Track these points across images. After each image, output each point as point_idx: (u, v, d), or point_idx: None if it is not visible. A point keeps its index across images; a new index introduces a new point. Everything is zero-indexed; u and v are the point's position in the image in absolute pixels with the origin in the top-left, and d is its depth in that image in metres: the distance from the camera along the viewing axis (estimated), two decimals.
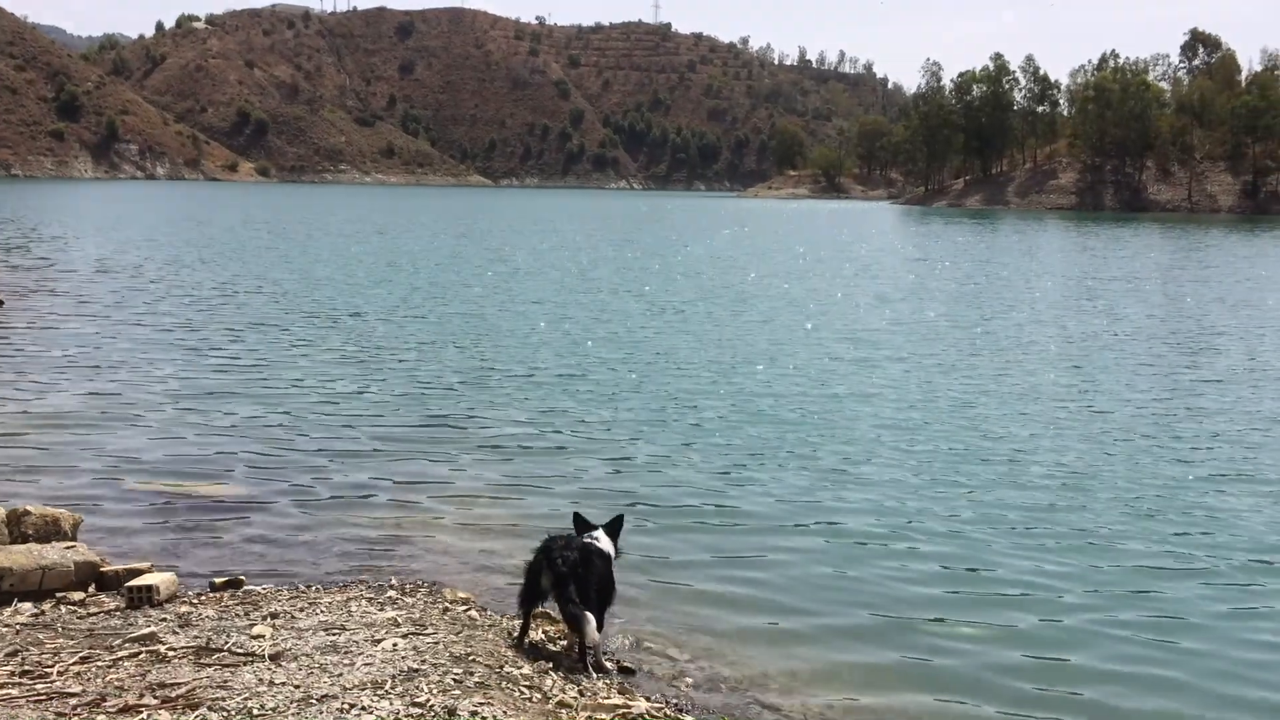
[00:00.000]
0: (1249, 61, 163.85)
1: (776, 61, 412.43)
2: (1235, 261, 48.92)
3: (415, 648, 5.93)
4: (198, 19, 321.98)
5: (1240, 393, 16.70)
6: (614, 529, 7.02)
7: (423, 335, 21.02)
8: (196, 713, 4.96)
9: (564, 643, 7.03)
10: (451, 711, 4.94)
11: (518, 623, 6.89)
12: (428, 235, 58.26)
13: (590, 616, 6.31)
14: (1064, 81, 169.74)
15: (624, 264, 41.52)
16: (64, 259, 36.56)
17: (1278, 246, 62.89)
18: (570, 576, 6.30)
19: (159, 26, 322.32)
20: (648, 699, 6.31)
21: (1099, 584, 8.68)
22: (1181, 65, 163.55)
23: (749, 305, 27.71)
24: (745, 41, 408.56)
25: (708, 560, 9.04)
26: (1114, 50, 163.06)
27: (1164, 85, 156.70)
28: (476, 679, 5.43)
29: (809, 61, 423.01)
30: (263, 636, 6.28)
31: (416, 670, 5.48)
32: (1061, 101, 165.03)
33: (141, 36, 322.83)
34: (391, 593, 7.63)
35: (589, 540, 6.76)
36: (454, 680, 5.38)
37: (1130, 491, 11.13)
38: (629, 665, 7.04)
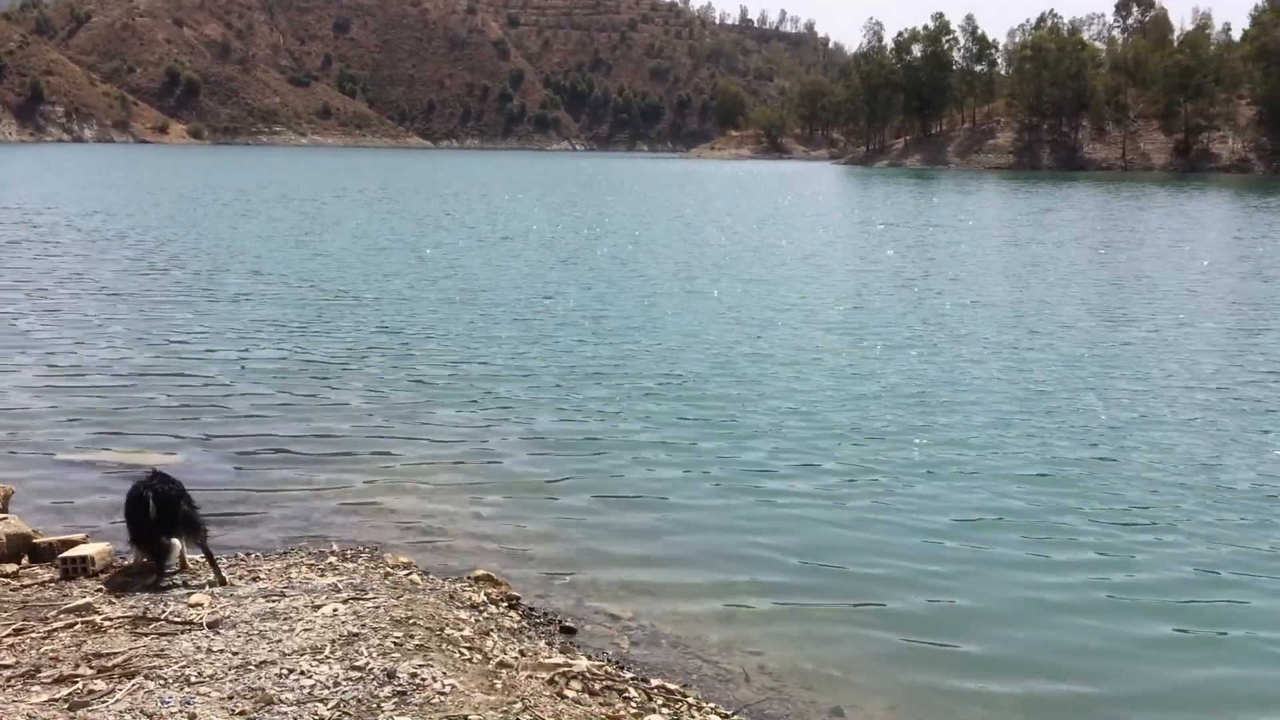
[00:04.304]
0: (1181, 20, 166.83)
1: (718, 21, 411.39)
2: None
3: (355, 612, 5.95)
4: None
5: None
6: None
7: (366, 303, 20.81)
8: (133, 681, 4.94)
9: (504, 604, 7.09)
10: (391, 674, 4.98)
11: (453, 585, 6.93)
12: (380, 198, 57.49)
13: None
14: (1002, 41, 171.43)
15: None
16: None
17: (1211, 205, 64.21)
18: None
19: None
20: (589, 657, 6.40)
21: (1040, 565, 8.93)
22: (1116, 24, 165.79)
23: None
24: (686, 0, 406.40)
25: (650, 521, 9.13)
26: (1052, 10, 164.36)
27: (1099, 45, 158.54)
28: (416, 641, 5.47)
29: (750, 21, 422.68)
30: (201, 605, 6.26)
31: (356, 635, 5.51)
32: (999, 61, 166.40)
33: None
34: (332, 559, 7.63)
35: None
36: (394, 643, 5.41)
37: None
38: (570, 625, 7.12)
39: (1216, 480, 10.20)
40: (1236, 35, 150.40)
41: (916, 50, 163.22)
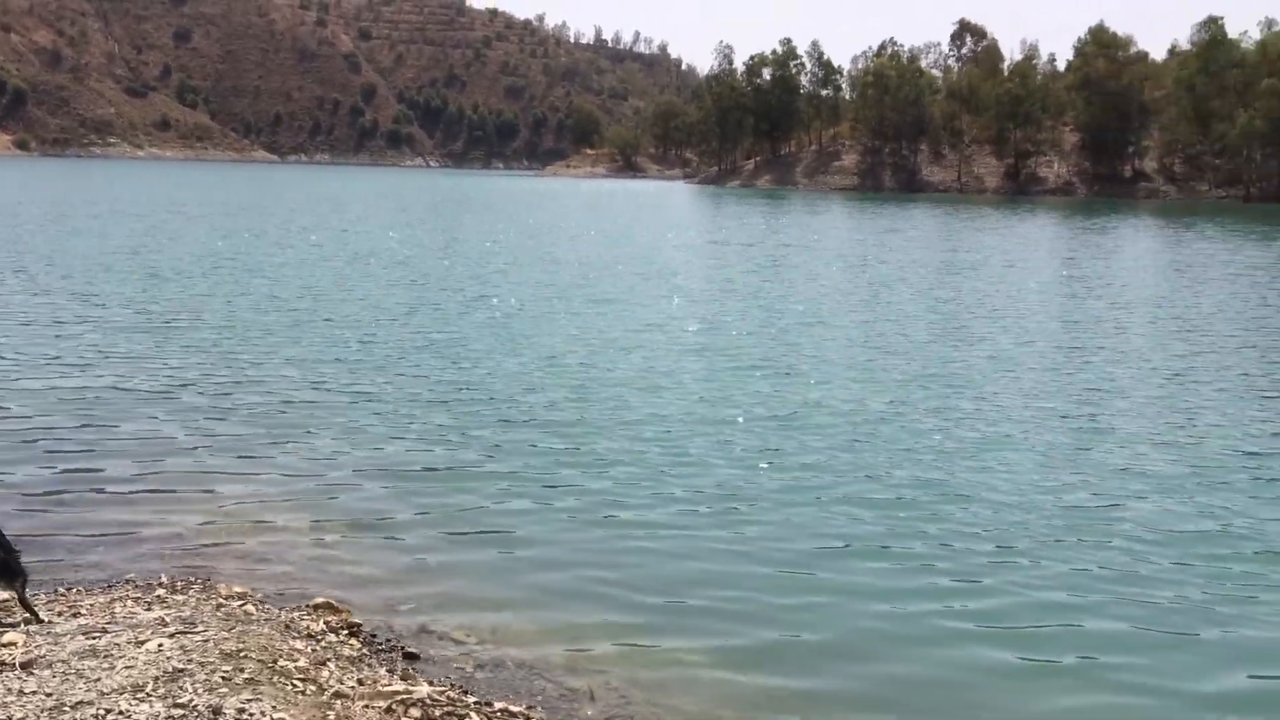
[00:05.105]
0: (1010, 51, 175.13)
1: (573, 40, 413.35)
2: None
3: (182, 647, 5.70)
4: None
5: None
6: None
7: (198, 328, 20.03)
8: None
9: (345, 632, 6.92)
10: (216, 710, 4.79)
11: (290, 614, 6.74)
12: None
13: None
14: (846, 67, 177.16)
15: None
16: None
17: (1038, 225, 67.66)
18: None
19: None
20: (430, 683, 6.29)
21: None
22: (951, 54, 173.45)
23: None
24: (541, 19, 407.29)
25: (498, 547, 9.01)
26: (892, 38, 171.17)
27: (936, 73, 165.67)
28: (246, 675, 5.28)
29: (605, 41, 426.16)
30: (14, 644, 5.90)
31: (182, 670, 5.28)
32: (844, 86, 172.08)
33: None
34: (160, 591, 7.31)
35: None
36: (222, 678, 5.21)
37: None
38: (413, 650, 6.99)
39: (1059, 501, 10.38)
40: (1061, 65, 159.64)
41: (766, 74, 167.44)
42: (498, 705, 6.08)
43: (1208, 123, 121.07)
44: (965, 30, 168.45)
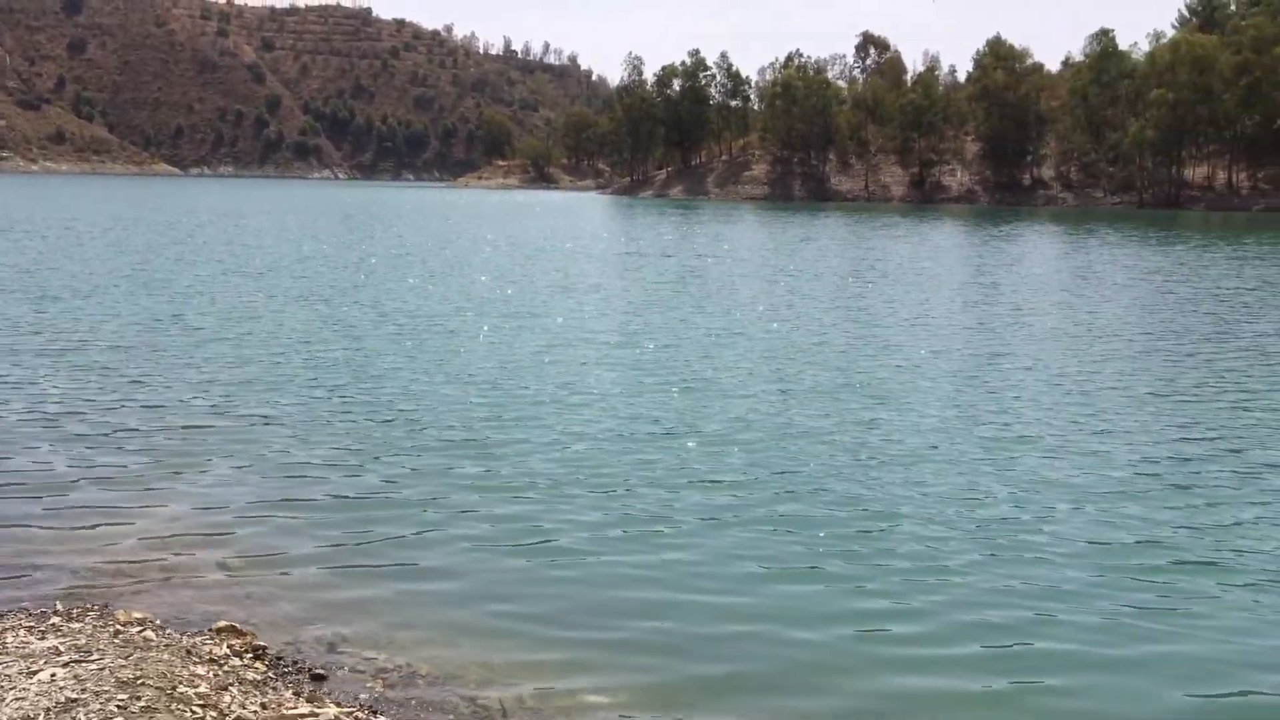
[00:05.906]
0: (913, 63, 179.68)
1: (482, 51, 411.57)
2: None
3: (76, 676, 5.52)
4: None
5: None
6: None
7: (93, 349, 19.38)
8: None
9: (250, 655, 6.76)
10: None
11: (192, 639, 6.57)
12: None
13: None
14: (754, 78, 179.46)
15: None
16: None
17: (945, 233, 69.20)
18: None
19: None
20: (338, 704, 6.19)
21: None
22: (856, 65, 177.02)
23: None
24: (449, 29, 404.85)
25: (410, 568, 8.85)
26: (798, 49, 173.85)
27: (842, 84, 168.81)
28: (143, 703, 5.13)
29: (514, 51, 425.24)
30: None
31: (75, 700, 5.11)
32: (753, 96, 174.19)
33: None
34: (55, 620, 7.06)
35: None
36: (117, 707, 5.05)
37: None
38: (321, 671, 6.87)
39: (982, 516, 10.24)
40: (961, 77, 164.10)
41: (676, 85, 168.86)
42: None
43: (1101, 131, 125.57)
44: (869, 42, 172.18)
